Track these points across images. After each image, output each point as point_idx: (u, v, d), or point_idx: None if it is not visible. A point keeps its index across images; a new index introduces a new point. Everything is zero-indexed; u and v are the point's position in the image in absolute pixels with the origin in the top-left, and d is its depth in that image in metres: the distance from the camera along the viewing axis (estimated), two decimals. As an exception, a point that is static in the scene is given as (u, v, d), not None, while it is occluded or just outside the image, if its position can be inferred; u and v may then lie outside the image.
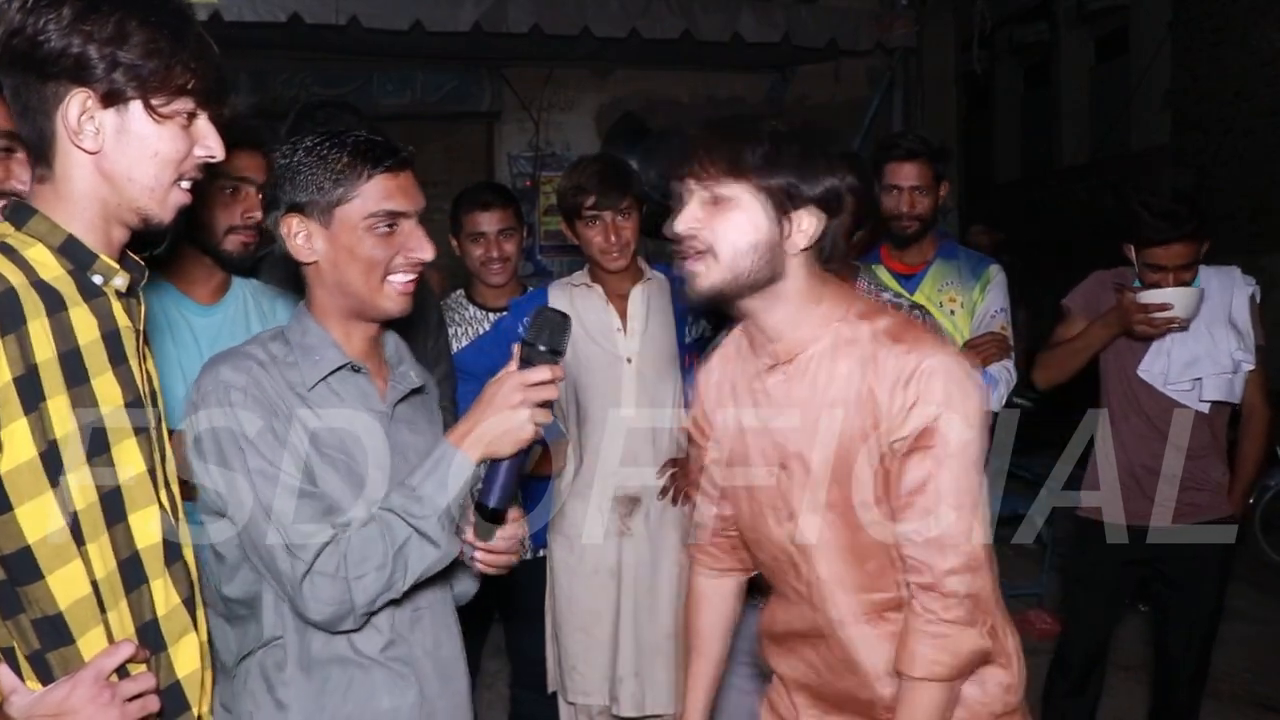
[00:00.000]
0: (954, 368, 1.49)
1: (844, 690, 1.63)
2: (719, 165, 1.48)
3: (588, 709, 2.73)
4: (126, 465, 1.25)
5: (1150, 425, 2.94)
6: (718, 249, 1.49)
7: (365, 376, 1.56)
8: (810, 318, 1.54)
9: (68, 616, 1.19)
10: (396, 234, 1.50)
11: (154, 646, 1.28)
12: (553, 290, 2.74)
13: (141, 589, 1.27)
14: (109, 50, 1.18)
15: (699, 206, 1.51)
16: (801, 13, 5.71)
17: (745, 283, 1.50)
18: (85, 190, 1.23)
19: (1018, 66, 11.53)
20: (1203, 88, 8.55)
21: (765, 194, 1.47)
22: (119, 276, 1.27)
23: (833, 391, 1.53)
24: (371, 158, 1.49)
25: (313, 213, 1.49)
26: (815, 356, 1.54)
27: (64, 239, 1.23)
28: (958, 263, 2.98)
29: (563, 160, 6.44)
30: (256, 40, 4.99)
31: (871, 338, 1.51)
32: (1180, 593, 3.01)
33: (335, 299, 1.53)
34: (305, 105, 2.46)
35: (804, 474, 1.56)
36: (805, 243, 1.50)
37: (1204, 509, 2.94)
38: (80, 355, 1.21)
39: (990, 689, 1.61)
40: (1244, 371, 2.91)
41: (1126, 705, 3.76)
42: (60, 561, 1.18)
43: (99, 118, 1.20)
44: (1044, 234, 10.08)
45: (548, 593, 2.75)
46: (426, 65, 6.53)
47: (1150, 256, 2.84)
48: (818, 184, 1.49)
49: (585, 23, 5.19)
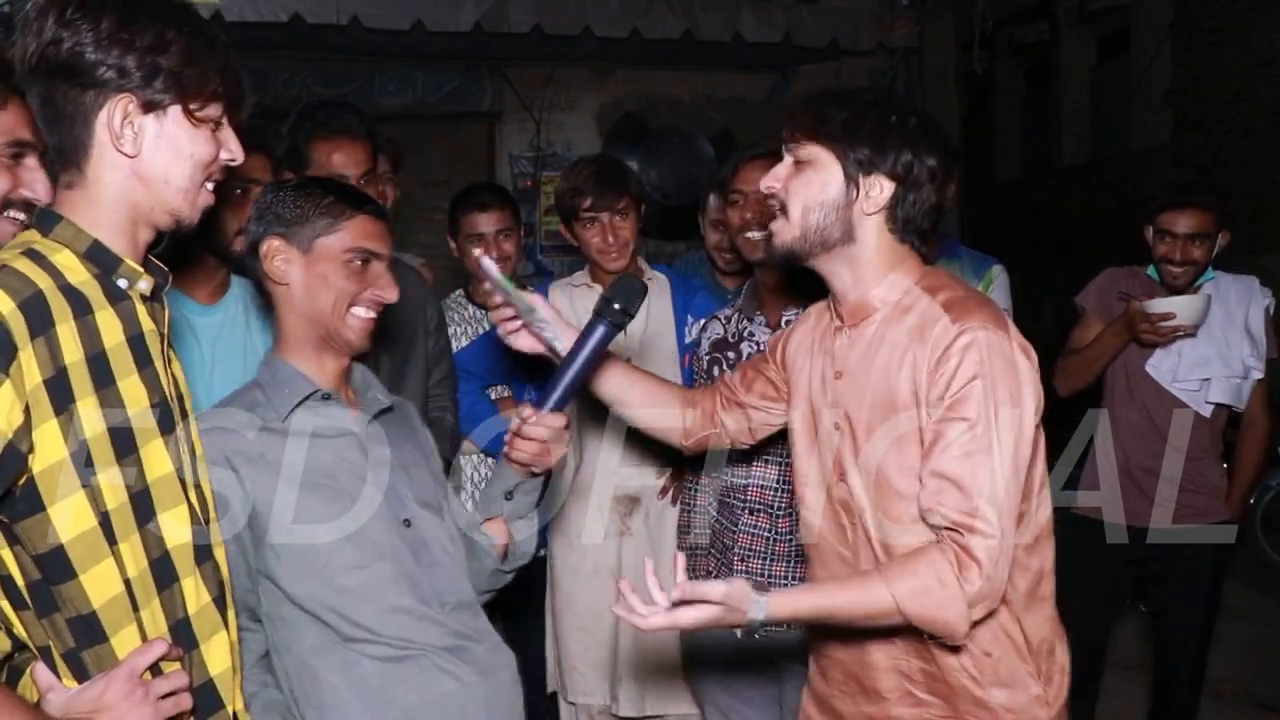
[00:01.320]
0: (998, 342, 1.49)
1: (875, 662, 1.63)
2: (804, 129, 1.58)
3: (588, 709, 2.73)
4: (155, 466, 1.28)
5: (1150, 424, 2.95)
6: (789, 206, 1.59)
7: (336, 402, 1.65)
8: (879, 285, 1.60)
9: (101, 615, 1.21)
10: (368, 272, 1.63)
11: (186, 645, 1.31)
12: (553, 290, 2.74)
13: (173, 588, 1.30)
14: (150, 59, 1.24)
15: (784, 168, 1.61)
16: (802, 13, 5.71)
17: (815, 240, 1.58)
18: (118, 194, 1.28)
19: (1018, 66, 11.52)
20: (1203, 88, 8.54)
21: (839, 156, 1.55)
22: (143, 280, 1.31)
23: (882, 356, 1.57)
24: (355, 201, 1.64)
25: (295, 239, 1.60)
26: (877, 323, 1.59)
27: (90, 244, 1.26)
28: (960, 263, 2.97)
29: (563, 160, 6.43)
30: (257, 40, 5.00)
31: (927, 307, 1.55)
32: (1175, 594, 3.01)
33: (303, 325, 1.63)
34: (306, 105, 2.46)
35: (852, 434, 1.60)
36: (874, 208, 1.56)
37: (1201, 512, 2.94)
38: (107, 358, 1.24)
39: (1019, 697, 1.59)
40: (1252, 379, 2.92)
41: (1126, 705, 3.76)
42: (93, 560, 1.20)
43: (138, 122, 1.25)
44: (1044, 234, 10.08)
45: (548, 593, 2.76)
46: (427, 65, 6.53)
47: (1164, 223, 2.86)
48: (892, 155, 1.55)
49: (586, 23, 5.20)
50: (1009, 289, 2.96)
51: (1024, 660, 1.59)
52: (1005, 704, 1.58)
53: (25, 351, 1.14)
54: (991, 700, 1.57)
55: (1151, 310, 2.80)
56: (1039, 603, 1.63)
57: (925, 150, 1.57)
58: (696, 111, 6.89)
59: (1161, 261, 2.90)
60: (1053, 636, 1.64)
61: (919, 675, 1.60)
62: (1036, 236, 9.83)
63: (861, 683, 1.66)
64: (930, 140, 1.58)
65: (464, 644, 1.64)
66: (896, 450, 1.55)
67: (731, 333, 2.41)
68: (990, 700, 1.57)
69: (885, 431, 1.56)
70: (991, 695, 1.57)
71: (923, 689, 1.60)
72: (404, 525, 1.63)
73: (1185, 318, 2.80)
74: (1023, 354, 1.53)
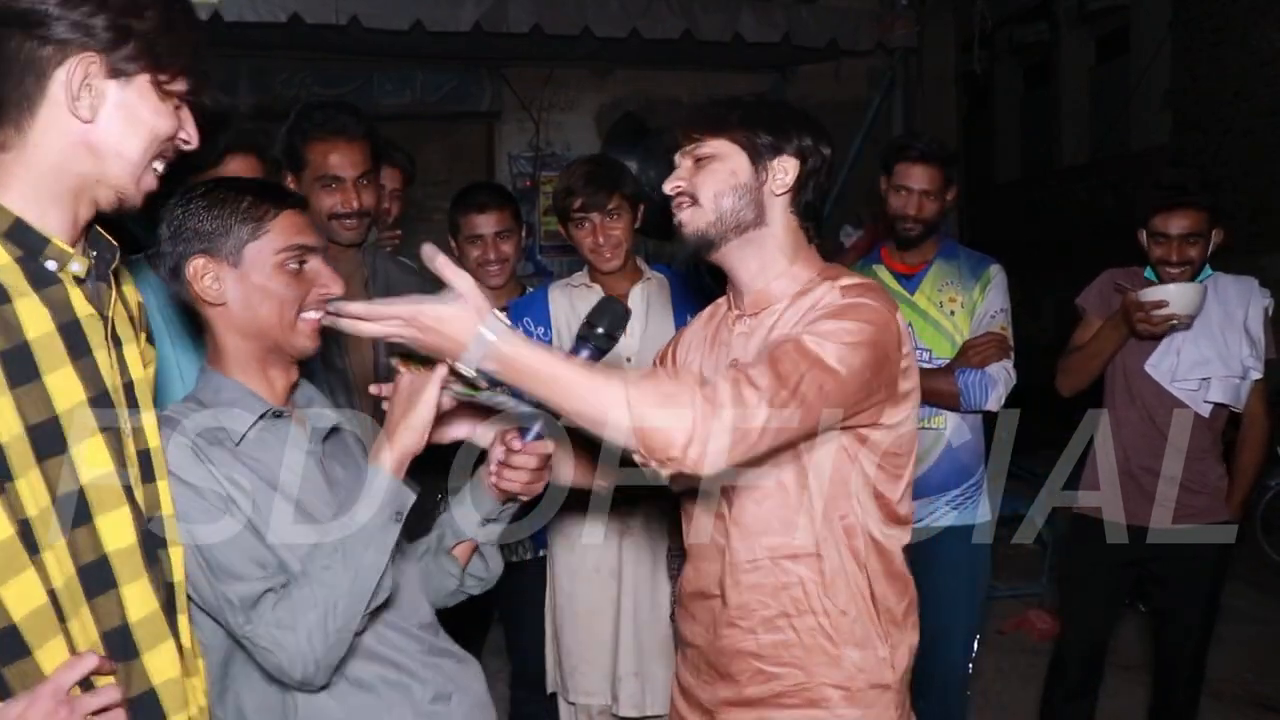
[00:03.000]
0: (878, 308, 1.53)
1: (726, 646, 1.66)
2: (700, 128, 1.64)
3: (588, 709, 2.73)
4: (90, 465, 1.17)
5: (1150, 424, 2.95)
6: (700, 195, 1.63)
7: (288, 421, 1.55)
8: (781, 275, 1.65)
9: (22, 628, 1.12)
10: (306, 271, 1.50)
11: (123, 654, 1.21)
12: (552, 290, 2.74)
13: (109, 594, 1.20)
14: (124, 21, 1.14)
15: (684, 169, 1.66)
16: (802, 13, 5.71)
17: (729, 223, 1.62)
18: (59, 162, 1.17)
19: (1018, 66, 11.53)
20: (1203, 88, 8.55)
21: (744, 145, 1.62)
22: (75, 261, 1.19)
23: (775, 337, 1.59)
24: (275, 197, 1.50)
25: (220, 253, 1.47)
26: (778, 311, 1.64)
27: (10, 223, 1.14)
28: (958, 262, 2.97)
29: (563, 160, 6.43)
30: (256, 40, 5.00)
31: (826, 290, 1.60)
32: (1175, 594, 3.01)
33: (247, 343, 1.50)
34: (305, 105, 2.46)
35: None
36: (783, 188, 1.63)
37: (1201, 512, 2.94)
38: (29, 350, 1.12)
39: (869, 657, 1.62)
40: (1251, 379, 2.92)
41: (1126, 705, 3.76)
42: (11, 572, 1.11)
43: (98, 87, 1.16)
44: (1044, 234, 10.09)
45: (548, 593, 2.75)
46: (426, 65, 6.52)
47: (1156, 225, 2.86)
48: (794, 137, 1.63)
49: (585, 23, 5.19)
50: (1006, 289, 2.96)
51: (874, 624, 1.63)
52: (857, 663, 1.61)
53: None
54: (845, 658, 1.61)
55: (1145, 298, 2.80)
56: (892, 578, 1.67)
57: (819, 138, 1.66)
58: (696, 112, 6.88)
59: (1158, 264, 2.91)
60: (903, 613, 1.68)
61: (769, 649, 1.63)
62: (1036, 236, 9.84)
63: (716, 669, 1.69)
64: (820, 130, 1.66)
65: (438, 660, 1.61)
66: None
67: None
68: (844, 658, 1.61)
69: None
70: (846, 654, 1.61)
71: (772, 663, 1.63)
72: None
73: (1178, 306, 2.79)
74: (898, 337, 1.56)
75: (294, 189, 2.37)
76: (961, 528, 2.92)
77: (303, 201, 1.55)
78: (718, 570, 1.69)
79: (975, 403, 2.82)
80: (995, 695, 4.07)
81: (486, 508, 1.68)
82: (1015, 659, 4.40)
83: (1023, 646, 4.53)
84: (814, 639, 1.61)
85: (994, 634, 4.58)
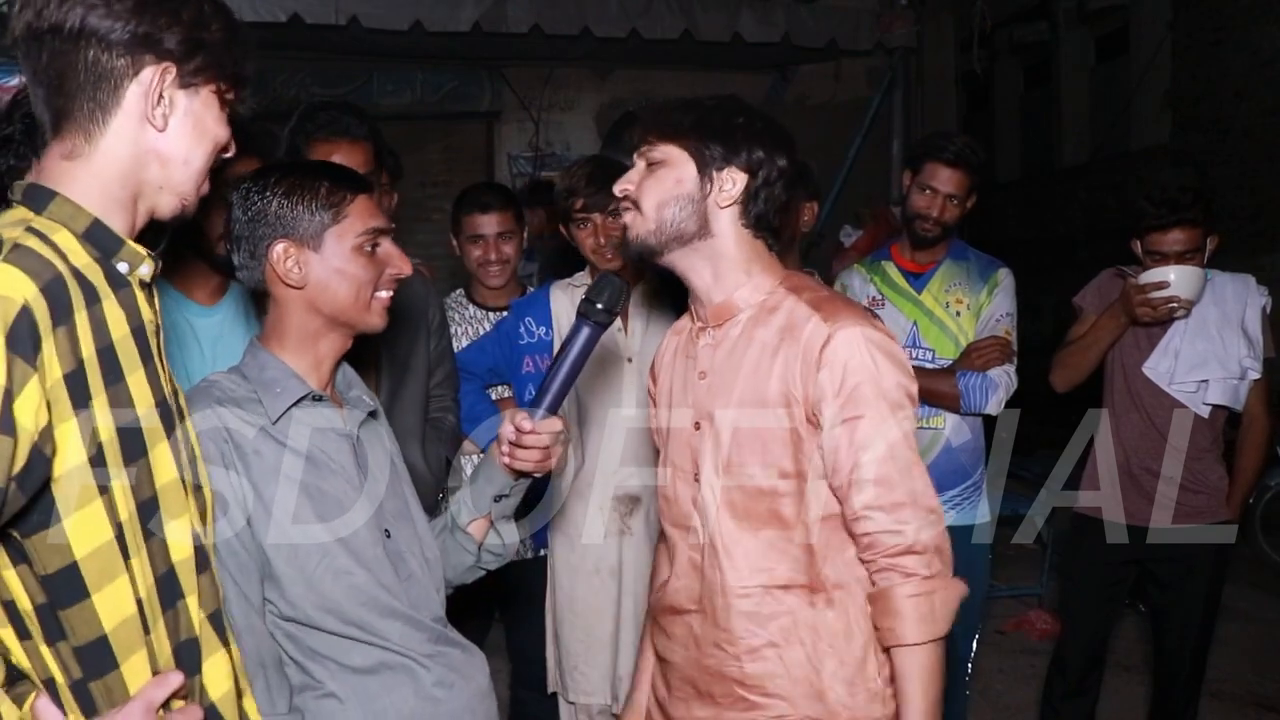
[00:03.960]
0: (866, 337, 1.54)
1: (710, 667, 1.65)
2: (653, 131, 1.63)
3: (588, 709, 2.73)
4: (162, 470, 1.18)
5: (1150, 424, 2.95)
6: (643, 202, 1.61)
7: (328, 404, 1.59)
8: (740, 285, 1.64)
9: (113, 639, 1.11)
10: (379, 252, 1.58)
11: (190, 669, 1.21)
12: (554, 290, 2.74)
13: (179, 606, 1.20)
14: (195, 33, 1.18)
15: (637, 172, 1.65)
16: (801, 12, 5.71)
17: (670, 233, 1.61)
18: (128, 170, 1.19)
19: (1018, 66, 11.52)
20: (1203, 88, 8.54)
21: (692, 153, 1.60)
22: (145, 264, 1.21)
23: (751, 356, 1.60)
24: (350, 182, 1.57)
25: (301, 238, 1.53)
26: (742, 323, 1.63)
27: (89, 223, 1.15)
28: (967, 264, 2.96)
29: (562, 160, 6.44)
30: (257, 40, 4.96)
31: (793, 307, 1.59)
32: (1173, 594, 3.01)
33: (316, 321, 1.56)
34: (308, 106, 2.45)
35: (713, 435, 1.63)
36: (728, 201, 1.60)
37: (1202, 512, 2.94)
38: (115, 351, 1.13)
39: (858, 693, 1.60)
40: (1250, 379, 2.92)
41: (1126, 705, 3.76)
42: (107, 578, 1.10)
43: (170, 95, 1.19)
44: (1044, 234, 10.09)
45: (548, 593, 2.75)
46: (426, 65, 6.54)
47: (1151, 244, 2.86)
48: (744, 150, 1.60)
49: (585, 22, 5.20)
50: (1014, 293, 2.95)
51: (869, 656, 1.61)
52: (843, 700, 1.59)
53: (48, 342, 1.03)
54: (830, 694, 1.58)
55: (1145, 280, 2.80)
56: None
57: (774, 149, 1.62)
58: (696, 111, 6.87)
59: None
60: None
61: (754, 679, 1.61)
62: (1036, 236, 9.84)
63: (696, 687, 1.67)
64: (778, 140, 1.64)
65: (445, 650, 1.63)
66: (761, 448, 1.59)
67: None
68: (829, 694, 1.58)
69: (751, 430, 1.59)
70: (832, 689, 1.59)
71: (756, 692, 1.61)
72: (385, 536, 1.61)
73: (1179, 288, 2.78)
74: (884, 340, 1.58)
75: None
76: (961, 528, 2.91)
77: (369, 185, 1.61)
78: (695, 588, 1.67)
79: (975, 405, 2.82)
80: (995, 695, 4.07)
81: (498, 484, 1.71)
82: (1015, 659, 4.40)
83: (1023, 646, 4.53)
84: (801, 671, 1.59)
85: (994, 634, 4.58)
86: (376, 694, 1.55)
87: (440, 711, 1.59)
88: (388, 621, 1.57)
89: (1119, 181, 9.24)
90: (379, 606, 1.56)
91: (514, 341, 2.75)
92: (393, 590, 1.57)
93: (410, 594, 1.60)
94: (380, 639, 1.56)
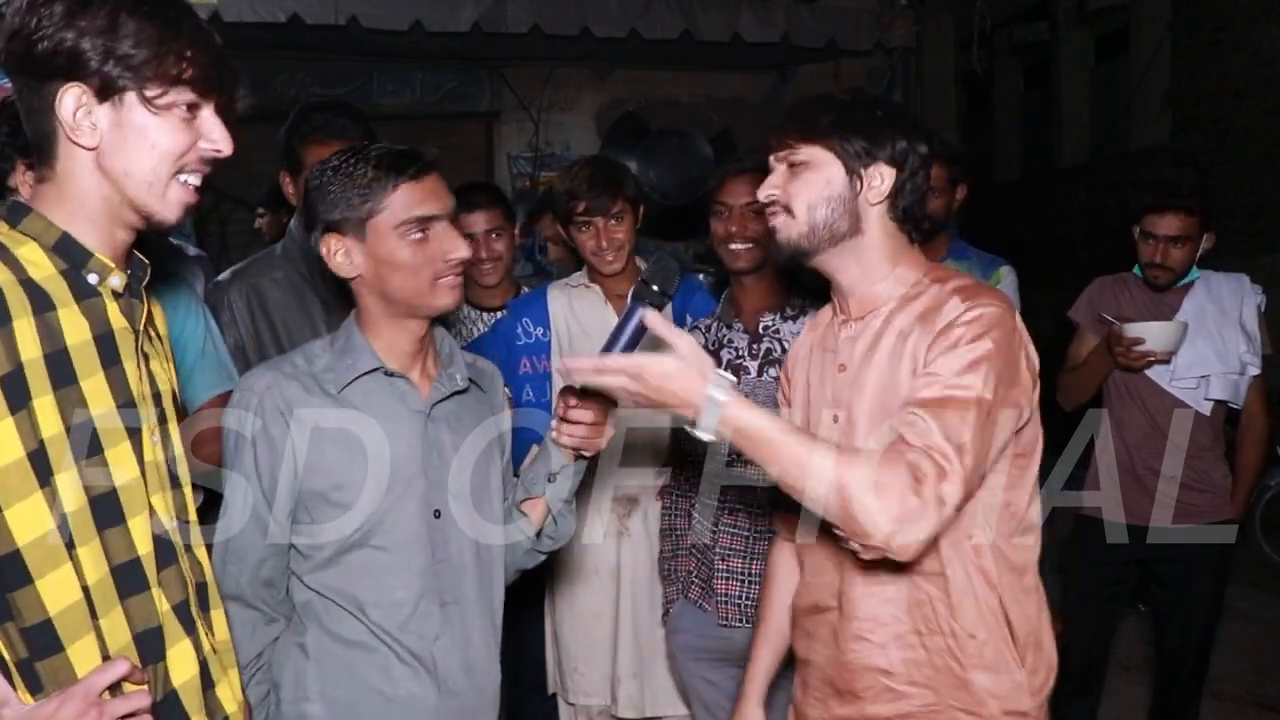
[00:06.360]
0: (1008, 318, 1.50)
1: (852, 661, 1.62)
2: (794, 134, 1.60)
3: (587, 709, 2.73)
4: (123, 469, 1.23)
5: (1151, 423, 2.95)
6: (794, 206, 1.59)
7: (403, 380, 1.61)
8: (885, 278, 1.61)
9: (57, 623, 1.17)
10: (430, 238, 1.55)
11: (153, 656, 1.26)
12: (552, 291, 2.73)
13: (144, 595, 1.25)
14: (101, 42, 1.17)
15: (778, 175, 1.62)
16: (801, 13, 5.71)
17: (823, 234, 1.59)
18: (86, 188, 1.22)
19: (1018, 66, 11.51)
20: (1203, 88, 8.54)
21: (839, 153, 1.57)
22: (115, 276, 1.25)
23: (885, 343, 1.57)
24: (395, 168, 1.54)
25: (347, 229, 1.54)
26: (884, 314, 1.60)
27: (58, 236, 1.21)
28: (968, 263, 2.96)
29: (562, 160, 6.43)
30: (256, 40, 4.99)
31: (937, 293, 1.56)
32: (1175, 594, 3.01)
33: (383, 306, 1.58)
34: (303, 107, 2.45)
35: (850, 426, 1.60)
36: (879, 197, 1.58)
37: (1203, 511, 2.94)
38: (69, 356, 1.19)
39: (1004, 683, 1.57)
40: (1249, 375, 2.93)
41: (1127, 705, 3.76)
42: (50, 565, 1.16)
43: (95, 113, 1.19)
44: (1044, 234, 10.08)
45: (547, 593, 2.75)
46: (426, 65, 6.53)
47: (1148, 225, 2.91)
48: (888, 143, 1.58)
49: (585, 23, 5.19)
50: (1017, 289, 2.96)
51: (1009, 647, 1.58)
52: (989, 688, 1.56)
53: None
54: (975, 683, 1.56)
55: (1126, 334, 2.85)
56: (1026, 594, 1.62)
57: (915, 138, 1.61)
58: (695, 111, 6.88)
59: (1145, 265, 2.95)
60: (1039, 630, 1.63)
61: (900, 667, 1.59)
62: (1036, 236, 9.84)
63: (836, 685, 1.65)
64: (917, 129, 1.62)
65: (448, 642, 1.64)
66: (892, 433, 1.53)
67: (711, 340, 2.42)
68: (974, 683, 1.56)
69: (884, 417, 1.54)
70: (975, 678, 1.56)
71: (902, 681, 1.59)
72: (434, 516, 1.62)
73: (1155, 343, 2.84)
74: (1027, 342, 1.55)
75: (291, 191, 2.37)
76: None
77: (427, 165, 1.58)
78: (834, 583, 1.65)
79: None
80: (995, 695, 4.06)
81: (554, 464, 1.74)
82: (1015, 659, 4.39)
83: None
84: (943, 660, 1.57)
85: (994, 634, 4.57)
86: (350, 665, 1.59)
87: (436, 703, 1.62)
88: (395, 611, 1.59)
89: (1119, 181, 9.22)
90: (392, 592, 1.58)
91: (511, 342, 2.74)
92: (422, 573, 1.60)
93: (440, 575, 1.62)
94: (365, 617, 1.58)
